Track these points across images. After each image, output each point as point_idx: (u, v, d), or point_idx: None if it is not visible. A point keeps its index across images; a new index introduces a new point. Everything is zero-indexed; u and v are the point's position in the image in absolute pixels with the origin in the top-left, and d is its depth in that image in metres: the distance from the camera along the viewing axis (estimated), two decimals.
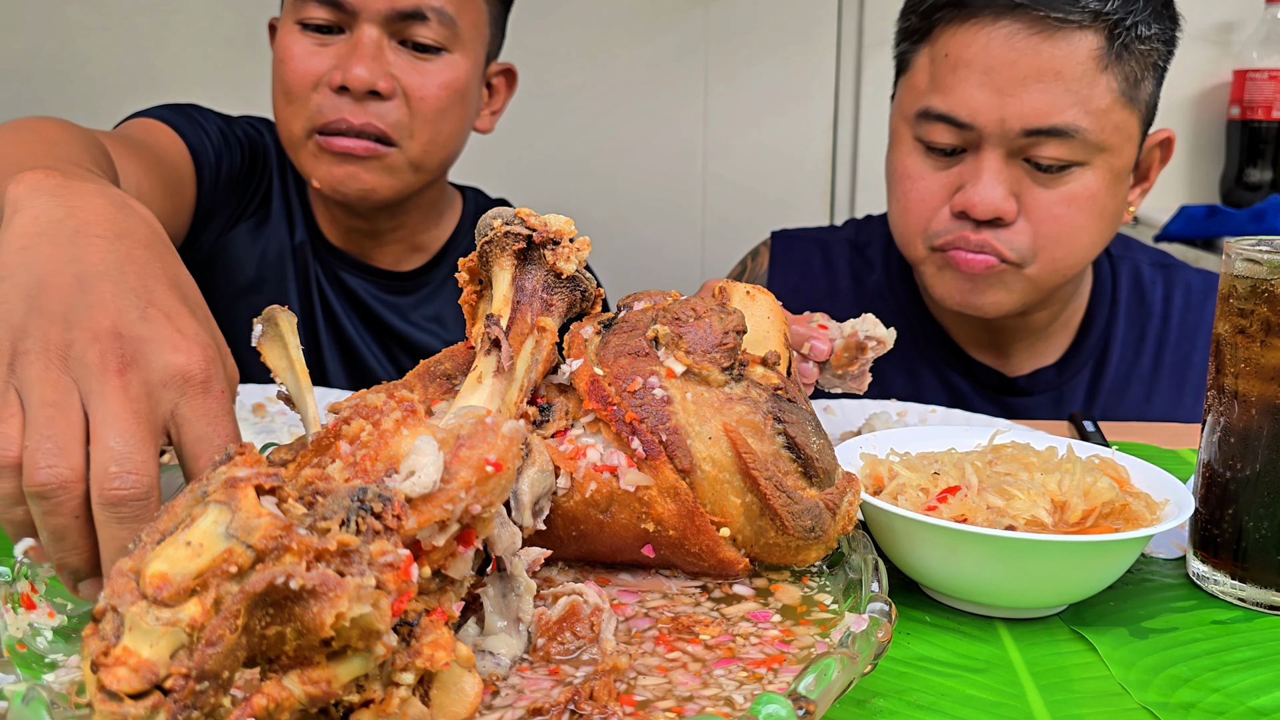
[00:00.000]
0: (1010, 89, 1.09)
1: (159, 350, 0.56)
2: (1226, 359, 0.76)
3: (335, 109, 1.22)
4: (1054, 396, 1.32)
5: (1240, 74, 2.21)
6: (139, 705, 0.40)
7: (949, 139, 1.14)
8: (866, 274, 1.40)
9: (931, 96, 1.14)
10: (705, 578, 0.68)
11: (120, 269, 0.58)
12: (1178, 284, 1.36)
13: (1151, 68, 1.14)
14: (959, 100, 1.11)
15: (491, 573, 0.58)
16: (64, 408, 0.54)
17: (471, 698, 0.49)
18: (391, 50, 1.23)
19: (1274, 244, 0.75)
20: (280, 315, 0.64)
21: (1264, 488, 0.75)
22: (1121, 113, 1.12)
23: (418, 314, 1.44)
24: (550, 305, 0.68)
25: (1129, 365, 1.33)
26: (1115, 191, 1.16)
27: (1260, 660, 0.68)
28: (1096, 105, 1.10)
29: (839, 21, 2.31)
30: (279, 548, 0.43)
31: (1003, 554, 0.68)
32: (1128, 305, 1.34)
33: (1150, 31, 1.12)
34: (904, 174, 1.19)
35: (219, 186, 1.34)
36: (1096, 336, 1.33)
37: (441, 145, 1.29)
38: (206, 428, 0.57)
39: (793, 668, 0.57)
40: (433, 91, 1.25)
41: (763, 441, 0.64)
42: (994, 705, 0.63)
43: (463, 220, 1.48)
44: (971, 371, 1.33)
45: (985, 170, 1.12)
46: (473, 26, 1.28)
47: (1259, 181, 2.21)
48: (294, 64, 1.24)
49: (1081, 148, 1.10)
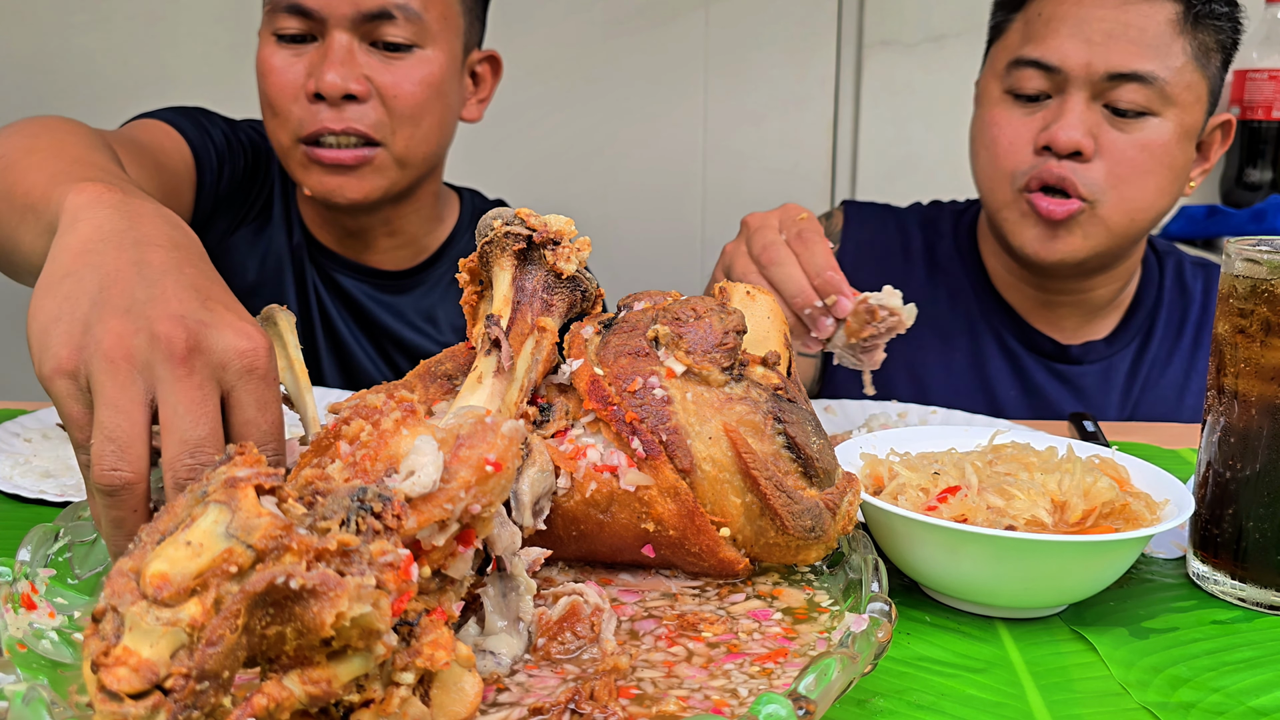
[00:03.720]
0: (1098, 39, 1.22)
1: (221, 334, 0.58)
2: (1226, 359, 0.76)
3: (315, 119, 1.24)
4: (1104, 367, 1.40)
5: (1240, 74, 2.21)
6: (139, 705, 0.40)
7: (1037, 84, 1.25)
8: (936, 242, 1.49)
9: (1024, 48, 1.26)
10: (705, 578, 0.68)
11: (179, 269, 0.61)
12: (1215, 279, 1.43)
13: (1219, 45, 1.27)
14: (1051, 47, 1.23)
15: (491, 573, 0.58)
16: (126, 407, 0.55)
17: (471, 697, 0.49)
18: (363, 52, 1.25)
19: (1274, 244, 0.75)
20: (279, 315, 0.65)
21: (1264, 488, 0.75)
22: (1194, 74, 1.24)
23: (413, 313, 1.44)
24: (550, 305, 0.68)
25: (1170, 343, 1.42)
26: (1183, 147, 1.26)
27: (1260, 660, 0.68)
28: (1173, 62, 1.22)
29: (839, 22, 2.31)
30: (279, 547, 0.43)
31: (1003, 554, 0.68)
32: (1171, 292, 1.44)
33: (1222, 10, 1.26)
34: (992, 122, 1.29)
35: (220, 190, 1.35)
36: (1143, 316, 1.42)
37: (423, 140, 1.30)
38: (256, 413, 0.58)
39: (797, 661, 0.57)
40: (407, 89, 1.26)
41: (763, 441, 0.64)
42: (994, 705, 0.63)
43: (460, 221, 1.48)
44: (1029, 338, 1.40)
45: (1070, 110, 1.23)
46: (442, 19, 1.29)
47: (1259, 181, 2.21)
48: (272, 77, 1.26)
49: (1157, 97, 1.22)
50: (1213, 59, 1.26)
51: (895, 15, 2.28)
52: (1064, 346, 1.39)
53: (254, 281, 1.39)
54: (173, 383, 0.56)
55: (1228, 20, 1.27)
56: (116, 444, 0.55)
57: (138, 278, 0.58)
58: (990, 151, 1.30)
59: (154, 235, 0.63)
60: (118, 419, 0.55)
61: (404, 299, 1.43)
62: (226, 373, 0.58)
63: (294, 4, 1.23)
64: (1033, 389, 1.39)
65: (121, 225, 0.62)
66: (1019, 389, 1.39)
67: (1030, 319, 1.41)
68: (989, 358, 1.40)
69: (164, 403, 0.56)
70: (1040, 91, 1.25)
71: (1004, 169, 1.28)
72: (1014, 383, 1.39)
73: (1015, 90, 1.27)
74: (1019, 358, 1.40)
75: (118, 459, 0.55)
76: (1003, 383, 1.39)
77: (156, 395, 0.56)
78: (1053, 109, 1.25)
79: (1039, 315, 1.41)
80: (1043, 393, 1.38)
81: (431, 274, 1.44)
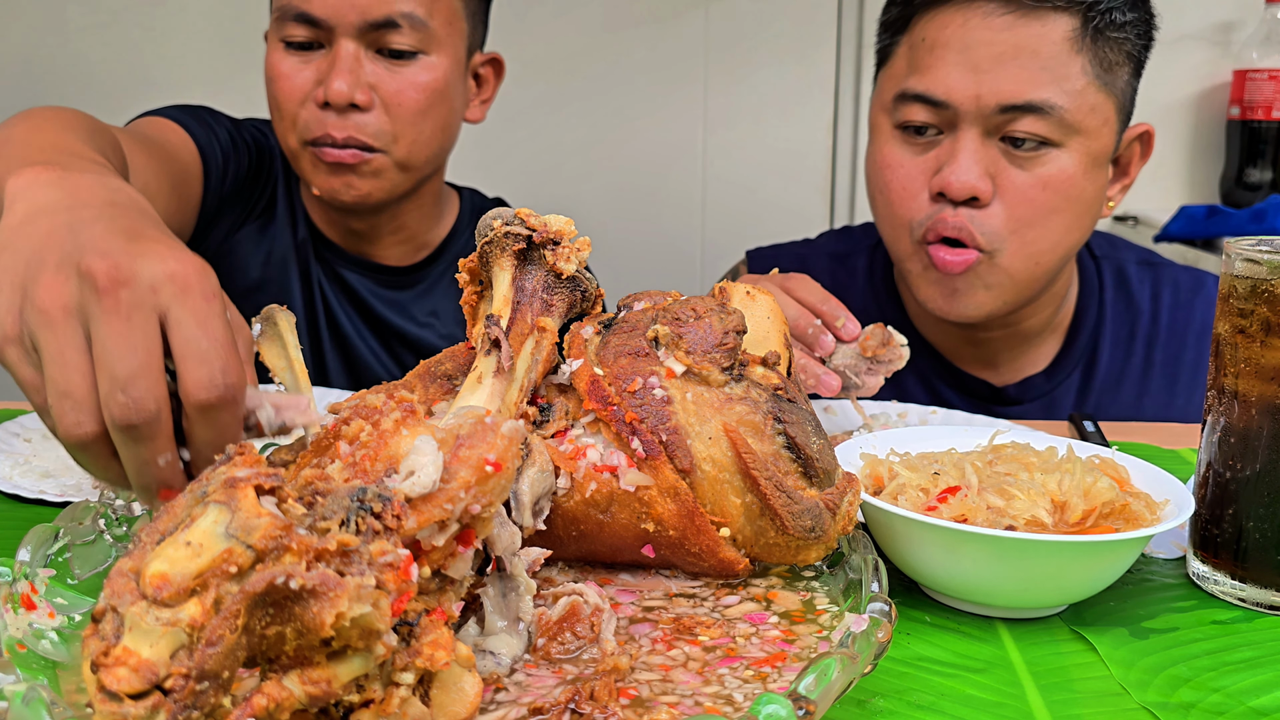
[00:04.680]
0: (986, 66, 1.11)
1: (148, 262, 0.56)
2: (1226, 359, 0.76)
3: (320, 124, 1.27)
4: (1044, 403, 1.31)
5: (1240, 74, 2.21)
6: (139, 705, 0.40)
7: (927, 117, 1.15)
8: (849, 285, 1.39)
9: (909, 79, 1.16)
10: (705, 578, 0.68)
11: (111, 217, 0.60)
12: (1165, 282, 1.35)
13: (1126, 56, 1.15)
14: (935, 79, 1.13)
15: (491, 573, 0.58)
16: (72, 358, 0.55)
17: (471, 697, 0.49)
18: (369, 60, 1.28)
19: (1274, 244, 0.75)
20: (279, 314, 0.64)
21: (1264, 488, 0.75)
22: (1097, 95, 1.13)
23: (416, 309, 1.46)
24: (550, 305, 0.68)
25: (1119, 365, 1.32)
26: (1092, 177, 1.16)
27: (1260, 660, 0.68)
28: (1071, 85, 1.11)
29: (839, 22, 2.31)
30: (279, 548, 0.43)
31: (1003, 554, 0.68)
32: (1114, 305, 1.33)
33: (1125, 19, 1.13)
34: (884, 163, 1.19)
35: (225, 189, 1.37)
36: (1085, 339, 1.32)
37: (425, 144, 1.33)
38: (196, 330, 0.55)
39: (795, 666, 0.57)
40: (410, 96, 1.29)
41: (763, 441, 0.64)
42: (994, 705, 0.63)
43: (460, 219, 1.51)
44: (960, 382, 1.32)
45: (962, 150, 1.13)
46: (447, 25, 1.32)
47: (1259, 181, 2.21)
48: (281, 82, 1.29)
49: (1057, 126, 1.11)
50: (1119, 73, 1.15)
51: None
52: (998, 389, 1.30)
53: (259, 278, 1.42)
54: (100, 318, 0.54)
55: (1133, 28, 1.15)
56: (71, 399, 0.54)
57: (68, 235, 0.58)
58: (885, 197, 1.20)
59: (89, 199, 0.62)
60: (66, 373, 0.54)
61: (407, 294, 1.46)
62: (160, 297, 0.55)
63: (302, 12, 1.25)
64: None
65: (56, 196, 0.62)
66: None
67: (958, 360, 1.32)
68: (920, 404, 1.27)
69: (95, 341, 0.54)
70: (929, 124, 1.15)
71: (901, 218, 1.18)
72: None
73: (904, 124, 1.17)
74: (948, 404, 1.31)
75: (76, 412, 0.54)
76: None
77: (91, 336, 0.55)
78: (945, 148, 1.15)
79: (967, 355, 1.31)
80: None
81: (433, 270, 1.47)
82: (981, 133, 1.13)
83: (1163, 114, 2.29)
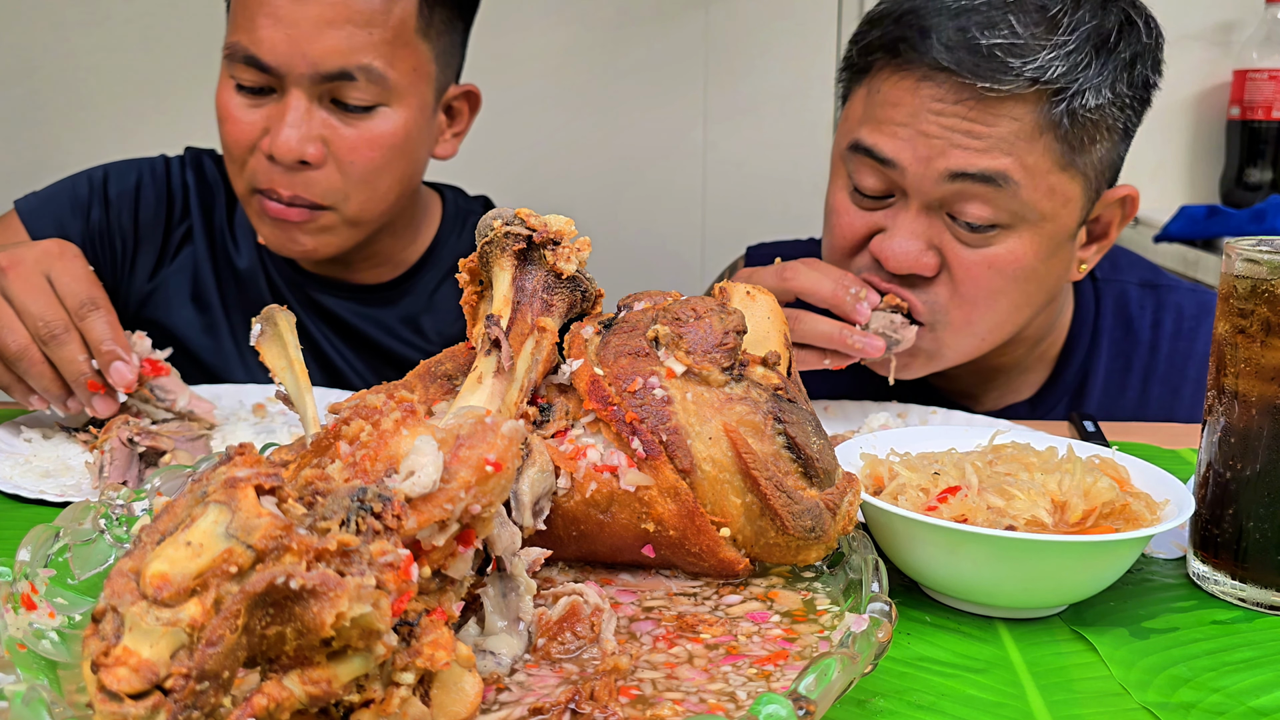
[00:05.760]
0: (937, 134, 1.03)
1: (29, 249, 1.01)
2: (1226, 359, 0.76)
3: (268, 176, 1.20)
4: None
5: (1240, 74, 2.21)
6: (139, 705, 0.40)
7: (874, 181, 1.07)
8: None
9: (861, 129, 1.08)
10: (705, 578, 0.68)
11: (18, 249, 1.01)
12: (1168, 307, 1.28)
13: (1106, 130, 1.06)
14: (884, 136, 1.05)
15: (491, 573, 0.58)
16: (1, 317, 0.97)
17: (472, 697, 0.49)
18: (322, 111, 1.19)
19: (1274, 244, 0.75)
20: (279, 315, 0.65)
21: (1264, 488, 0.75)
22: (1059, 176, 1.04)
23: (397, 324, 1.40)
24: (550, 305, 0.68)
25: (1112, 399, 1.25)
26: (1048, 258, 1.08)
27: (1260, 660, 0.68)
28: (1032, 164, 1.03)
29: (839, 22, 2.31)
30: (279, 548, 0.43)
31: (1003, 554, 0.68)
32: (1112, 335, 1.26)
33: (1100, 100, 1.03)
34: (833, 208, 1.13)
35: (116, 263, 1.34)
36: (1074, 371, 1.25)
37: (381, 198, 1.25)
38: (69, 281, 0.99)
39: (797, 664, 0.57)
40: (364, 154, 1.20)
41: (763, 441, 0.64)
42: (994, 705, 0.63)
43: (443, 224, 1.43)
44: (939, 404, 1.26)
45: (902, 224, 1.05)
46: (411, 73, 1.22)
47: (1259, 181, 2.21)
48: (229, 125, 1.21)
49: (1009, 206, 1.03)
50: (1094, 149, 1.05)
51: None
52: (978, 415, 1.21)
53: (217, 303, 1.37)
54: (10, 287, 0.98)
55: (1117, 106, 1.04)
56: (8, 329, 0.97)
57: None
58: (829, 241, 1.13)
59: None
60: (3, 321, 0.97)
61: (388, 311, 1.39)
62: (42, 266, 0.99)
63: (251, 56, 1.16)
64: None
65: None
66: None
67: (937, 383, 1.26)
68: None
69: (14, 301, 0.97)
70: (878, 191, 1.07)
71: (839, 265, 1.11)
72: None
73: (853, 182, 1.09)
74: None
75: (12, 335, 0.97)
76: None
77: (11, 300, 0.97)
78: (890, 212, 1.07)
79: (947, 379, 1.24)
80: None
81: (415, 283, 1.40)
82: (925, 204, 1.05)
83: (1163, 114, 2.29)
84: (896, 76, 1.06)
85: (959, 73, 1.01)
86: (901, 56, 1.05)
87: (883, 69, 1.07)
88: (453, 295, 1.41)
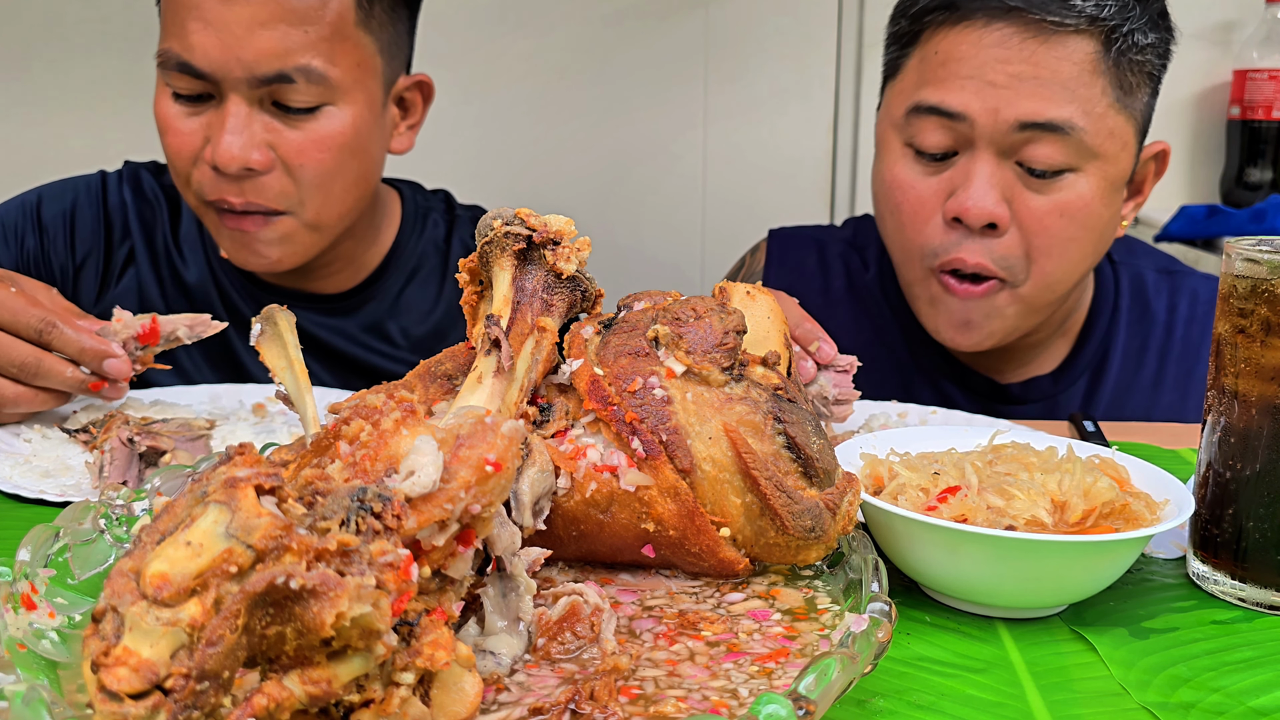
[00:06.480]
0: (1004, 83, 1.06)
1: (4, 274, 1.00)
2: (1226, 359, 0.76)
3: (215, 187, 1.15)
4: (1048, 405, 1.29)
5: (1240, 74, 2.21)
6: (139, 705, 0.40)
7: (939, 138, 1.10)
8: (861, 275, 1.37)
9: (921, 91, 1.11)
10: (705, 578, 0.68)
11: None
12: (1183, 292, 1.32)
13: (1146, 77, 1.12)
14: (949, 92, 1.08)
15: (491, 573, 0.58)
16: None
17: (472, 697, 0.49)
18: (264, 115, 1.14)
19: (1274, 244, 0.75)
20: (279, 314, 0.65)
21: (1264, 488, 0.75)
22: (1116, 118, 1.10)
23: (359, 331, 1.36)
24: (550, 305, 0.68)
25: (1129, 376, 1.29)
26: (1109, 202, 1.12)
27: (1260, 660, 0.68)
28: (1092, 107, 1.08)
29: (839, 21, 2.31)
30: (279, 547, 0.43)
31: (1003, 554, 0.68)
32: (1129, 314, 1.30)
33: (1146, 40, 1.10)
34: (894, 184, 1.15)
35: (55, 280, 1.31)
36: (1095, 346, 1.29)
37: (338, 200, 1.20)
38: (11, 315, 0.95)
39: (798, 661, 0.57)
40: (313, 156, 1.15)
41: (763, 441, 0.64)
42: (994, 705, 0.63)
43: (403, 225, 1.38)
44: (963, 378, 1.30)
45: (977, 172, 1.08)
46: (354, 68, 1.17)
47: (1259, 181, 2.21)
48: (169, 137, 1.16)
49: (1076, 150, 1.08)
50: (1139, 94, 1.12)
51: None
52: (1002, 386, 1.28)
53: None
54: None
55: (1154, 51, 1.12)
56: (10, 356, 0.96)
57: None
58: (895, 220, 1.16)
59: None
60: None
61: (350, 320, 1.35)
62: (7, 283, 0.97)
63: (183, 63, 1.11)
64: None
65: None
66: None
67: (963, 356, 1.29)
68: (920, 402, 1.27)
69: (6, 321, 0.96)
70: (943, 149, 1.11)
71: (912, 243, 1.15)
72: None
73: (916, 145, 1.12)
74: (953, 401, 1.29)
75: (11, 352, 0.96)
76: None
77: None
78: (959, 169, 1.10)
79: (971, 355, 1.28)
80: None
81: (378, 289, 1.36)
82: (997, 154, 1.08)
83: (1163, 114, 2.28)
84: (956, 31, 1.10)
85: (1026, 9, 1.06)
86: (961, 9, 1.09)
87: (939, 29, 1.11)
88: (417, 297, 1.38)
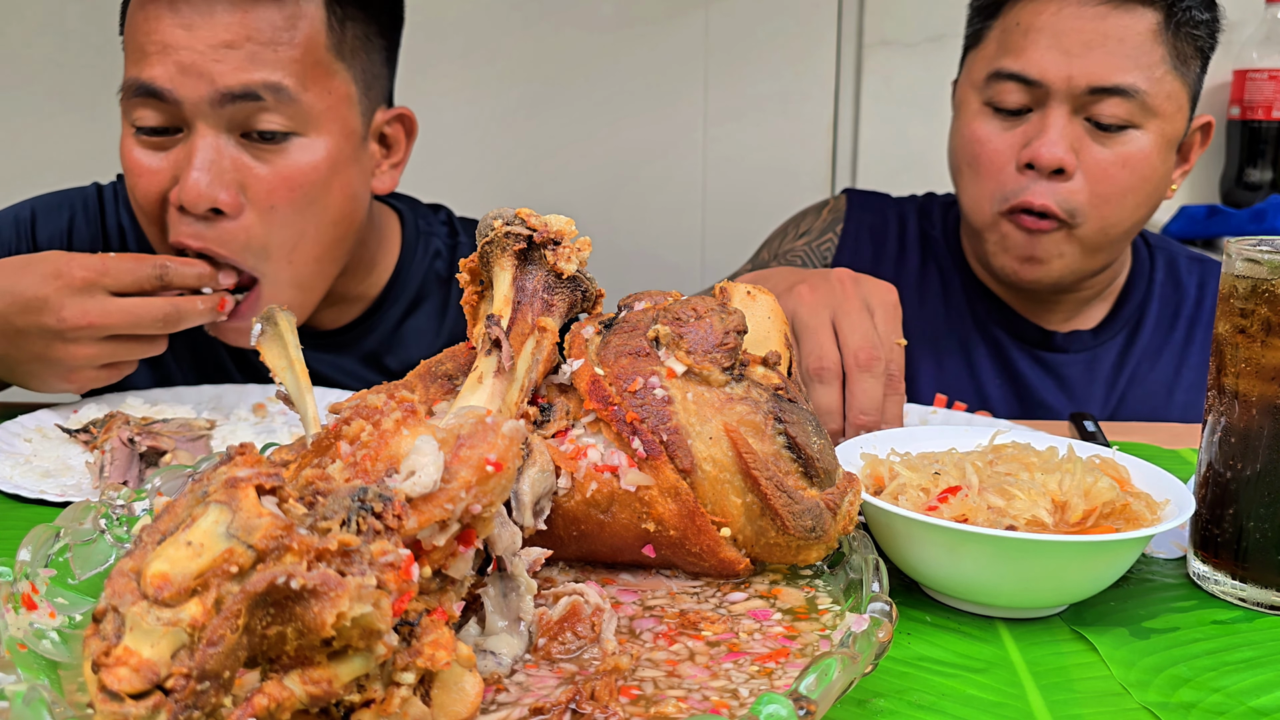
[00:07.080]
0: (1077, 51, 1.22)
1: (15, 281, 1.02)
2: (1227, 359, 0.76)
3: (176, 229, 1.09)
4: (1089, 357, 1.42)
5: (1240, 74, 2.21)
6: (140, 705, 0.40)
7: (1017, 97, 1.25)
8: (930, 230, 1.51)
9: (1002, 59, 1.26)
10: (706, 578, 0.68)
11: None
12: (1213, 275, 1.45)
13: (1198, 51, 1.26)
14: (1030, 60, 1.24)
15: (492, 573, 0.58)
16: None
17: (472, 697, 0.49)
18: (234, 148, 1.08)
19: (1274, 244, 0.75)
20: (279, 315, 0.65)
21: (1264, 488, 0.75)
22: (1174, 83, 1.25)
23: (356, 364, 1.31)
24: (551, 305, 0.68)
25: (1162, 337, 1.42)
26: (1164, 158, 1.27)
27: (1260, 660, 0.68)
28: (1153, 72, 1.23)
29: (839, 21, 2.31)
30: (280, 547, 0.43)
31: (1003, 554, 0.68)
32: (1162, 287, 1.44)
33: (1201, 17, 1.25)
34: (973, 138, 1.30)
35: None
36: (1132, 309, 1.43)
37: (312, 242, 1.13)
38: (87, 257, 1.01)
39: (798, 661, 0.57)
40: (283, 195, 1.08)
41: (763, 441, 0.64)
42: (994, 705, 0.63)
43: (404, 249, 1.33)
44: (1013, 325, 1.42)
45: (1051, 125, 1.23)
46: (327, 95, 1.11)
47: (1259, 181, 2.21)
48: (134, 178, 1.10)
49: (1139, 110, 1.23)
50: (1191, 65, 1.27)
51: (895, 14, 2.28)
52: (1049, 333, 1.41)
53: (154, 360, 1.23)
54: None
55: (1206, 27, 1.27)
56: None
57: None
58: (973, 169, 1.31)
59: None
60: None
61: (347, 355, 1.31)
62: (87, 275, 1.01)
63: (145, 85, 1.06)
64: (1016, 377, 1.40)
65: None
66: (1002, 378, 1.40)
67: (1014, 305, 1.43)
68: (974, 345, 1.42)
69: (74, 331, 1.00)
70: (1021, 106, 1.26)
71: (988, 189, 1.29)
72: (997, 371, 1.41)
73: (995, 103, 1.28)
74: (1003, 346, 1.42)
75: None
76: (985, 369, 1.41)
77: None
78: (1034, 123, 1.26)
79: (1023, 304, 1.43)
80: (1025, 381, 1.39)
81: (377, 321, 1.31)
82: (1069, 110, 1.23)
83: None
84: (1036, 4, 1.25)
85: None
86: None
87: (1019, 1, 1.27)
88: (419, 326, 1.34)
